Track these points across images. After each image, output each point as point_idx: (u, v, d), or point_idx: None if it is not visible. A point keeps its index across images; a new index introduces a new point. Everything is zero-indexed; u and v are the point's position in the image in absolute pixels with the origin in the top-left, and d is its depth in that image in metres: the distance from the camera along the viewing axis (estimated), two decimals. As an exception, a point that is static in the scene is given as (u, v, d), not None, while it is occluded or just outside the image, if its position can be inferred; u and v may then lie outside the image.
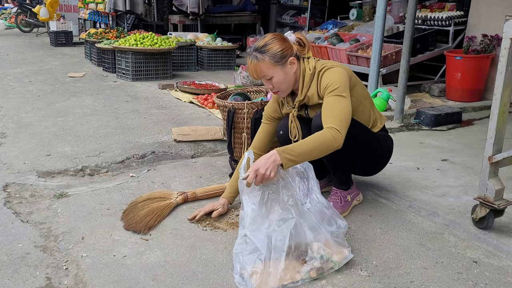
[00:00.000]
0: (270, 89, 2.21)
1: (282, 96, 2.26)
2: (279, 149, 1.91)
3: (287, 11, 9.87)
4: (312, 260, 1.82)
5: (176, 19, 9.31)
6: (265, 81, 2.17)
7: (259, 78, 2.16)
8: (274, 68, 2.11)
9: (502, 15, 4.75)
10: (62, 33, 9.66)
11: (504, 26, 1.95)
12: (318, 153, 1.96)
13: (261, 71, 2.12)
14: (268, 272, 1.76)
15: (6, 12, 16.90)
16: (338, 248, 1.88)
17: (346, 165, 2.30)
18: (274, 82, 2.15)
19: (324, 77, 2.12)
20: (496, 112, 2.02)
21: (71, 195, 2.60)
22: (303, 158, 1.94)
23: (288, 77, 2.15)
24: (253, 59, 2.12)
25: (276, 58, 2.10)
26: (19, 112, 4.22)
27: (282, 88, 2.18)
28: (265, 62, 2.09)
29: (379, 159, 2.41)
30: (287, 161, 1.89)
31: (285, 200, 1.88)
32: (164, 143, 3.38)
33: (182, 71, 6.71)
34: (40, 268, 1.87)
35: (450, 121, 4.20)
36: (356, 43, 5.67)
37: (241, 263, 1.81)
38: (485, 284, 1.80)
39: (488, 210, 2.12)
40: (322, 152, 1.97)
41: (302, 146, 1.94)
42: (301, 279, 1.78)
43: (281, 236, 1.80)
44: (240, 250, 1.86)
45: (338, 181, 2.38)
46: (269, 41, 2.12)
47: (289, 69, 2.14)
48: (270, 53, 2.09)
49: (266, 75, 2.12)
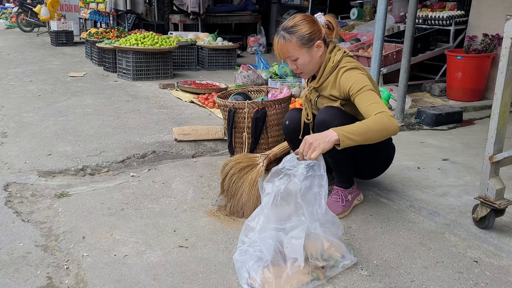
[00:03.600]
0: (294, 70, 2.22)
1: (305, 77, 2.30)
2: (335, 128, 1.87)
3: (288, 10, 9.85)
4: (322, 263, 1.80)
5: (177, 19, 9.31)
6: (290, 61, 2.18)
7: (285, 58, 2.17)
8: (300, 50, 2.12)
9: (502, 14, 4.75)
10: (63, 33, 9.66)
11: (504, 25, 1.95)
12: (377, 134, 1.92)
13: (287, 51, 2.13)
14: (280, 278, 1.73)
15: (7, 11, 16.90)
16: (343, 250, 1.88)
17: (348, 164, 2.29)
18: (299, 64, 2.16)
19: (344, 78, 2.11)
20: (497, 111, 2.02)
21: (72, 194, 2.60)
22: (362, 137, 1.88)
23: (313, 60, 2.16)
24: (280, 38, 2.13)
25: (304, 40, 2.11)
26: (20, 111, 4.22)
27: (306, 70, 2.20)
28: (292, 43, 2.11)
29: (378, 164, 2.40)
30: (345, 138, 1.84)
31: (298, 204, 1.85)
32: (165, 143, 3.38)
33: (183, 70, 6.71)
34: (41, 268, 1.88)
35: (451, 121, 4.19)
36: (357, 43, 5.67)
37: (248, 271, 1.76)
38: (485, 283, 1.80)
39: (489, 210, 2.12)
40: (381, 134, 1.93)
41: (358, 126, 1.90)
42: (311, 280, 1.76)
43: (295, 240, 1.77)
44: (245, 258, 1.80)
45: (340, 180, 2.37)
46: (299, 22, 2.12)
47: (315, 52, 2.15)
48: (298, 35, 2.10)
49: (291, 55, 2.14)
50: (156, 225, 2.25)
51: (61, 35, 9.66)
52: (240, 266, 1.81)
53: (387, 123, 1.92)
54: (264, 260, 1.76)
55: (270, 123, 2.89)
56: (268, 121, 2.87)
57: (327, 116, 2.12)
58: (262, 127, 2.85)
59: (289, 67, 2.30)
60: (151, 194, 2.60)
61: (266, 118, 2.83)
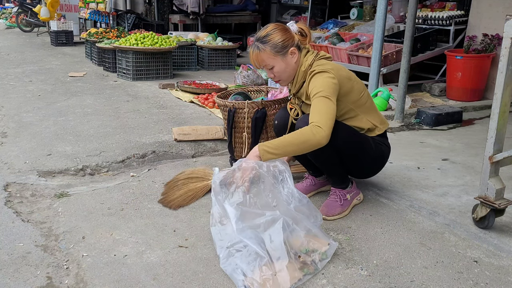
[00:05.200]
0: (272, 78, 2.27)
1: (283, 85, 2.33)
2: (260, 144, 1.99)
3: (288, 10, 9.86)
4: (306, 255, 1.83)
5: (177, 19, 9.31)
6: (267, 70, 2.24)
7: (261, 67, 2.23)
8: (275, 58, 2.17)
9: (502, 14, 4.75)
10: (62, 33, 9.66)
11: (504, 25, 1.95)
12: (297, 147, 1.98)
13: (262, 61, 2.19)
14: (277, 275, 1.74)
15: (6, 11, 16.89)
16: (324, 239, 1.91)
17: (335, 165, 2.26)
18: (276, 72, 2.21)
19: (311, 82, 2.15)
20: (497, 111, 2.02)
21: (71, 194, 2.60)
22: (282, 150, 1.98)
23: (289, 67, 2.21)
24: (254, 48, 2.19)
25: (277, 48, 2.15)
26: (20, 111, 4.22)
27: (283, 77, 2.25)
28: (266, 52, 2.16)
29: (369, 163, 2.35)
30: (264, 152, 1.96)
31: (270, 201, 1.89)
32: (165, 143, 3.38)
33: (183, 70, 6.71)
34: (40, 268, 1.88)
35: (451, 121, 4.19)
36: (357, 43, 5.67)
37: (244, 272, 1.75)
38: (485, 283, 1.80)
39: (489, 210, 2.12)
40: (302, 147, 1.99)
41: (281, 139, 2.01)
42: (303, 275, 1.78)
43: (274, 236, 1.79)
44: (234, 260, 1.80)
45: (334, 181, 2.38)
46: (271, 32, 2.17)
47: (289, 59, 2.19)
48: (271, 43, 2.15)
49: (267, 64, 2.20)
50: (156, 225, 2.25)
51: (61, 35, 9.66)
52: (232, 270, 1.79)
53: (309, 135, 1.96)
54: (259, 257, 1.77)
55: (270, 123, 2.89)
56: (268, 121, 2.86)
57: (302, 124, 2.11)
58: (262, 127, 2.85)
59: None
60: (151, 194, 2.60)
61: (266, 118, 2.83)
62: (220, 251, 1.89)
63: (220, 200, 1.92)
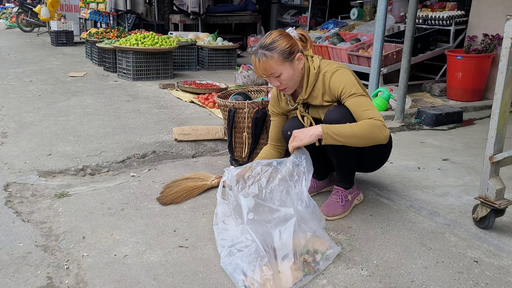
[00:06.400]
0: (277, 87, 2.20)
1: (289, 92, 2.26)
2: (324, 125, 1.97)
3: (288, 10, 9.87)
4: (308, 255, 1.83)
5: (177, 19, 9.31)
6: (273, 78, 2.16)
7: (267, 75, 2.15)
8: (283, 65, 2.11)
9: (503, 14, 4.75)
10: (63, 33, 9.66)
11: (504, 25, 1.95)
12: (361, 141, 1.99)
13: (270, 68, 2.11)
14: (279, 275, 1.74)
15: (7, 11, 16.91)
16: (328, 242, 1.91)
17: (353, 163, 2.29)
18: (283, 79, 2.15)
19: (333, 81, 2.13)
20: (497, 111, 2.02)
21: (72, 194, 2.60)
22: (345, 140, 1.97)
23: (296, 73, 2.17)
24: (261, 56, 2.11)
25: (285, 55, 2.11)
26: (20, 111, 4.22)
27: (289, 84, 2.18)
28: (274, 59, 2.09)
29: (384, 155, 2.40)
30: (328, 135, 1.95)
31: (284, 199, 1.89)
32: (165, 143, 3.38)
33: (183, 70, 6.71)
34: (41, 268, 1.88)
35: (451, 121, 4.19)
36: (357, 43, 5.67)
37: (244, 272, 1.74)
38: (485, 283, 1.80)
39: (489, 210, 2.12)
40: (365, 141, 1.99)
41: (346, 128, 1.97)
42: (304, 275, 1.78)
43: (284, 234, 1.80)
44: (235, 259, 1.79)
45: (342, 180, 2.37)
46: (277, 38, 2.12)
47: (296, 65, 2.16)
48: (279, 50, 2.10)
49: (275, 72, 2.12)
50: (156, 225, 2.25)
51: (61, 35, 9.66)
52: (232, 269, 1.78)
53: (377, 132, 1.98)
54: (260, 257, 1.76)
55: (270, 123, 2.89)
56: (268, 121, 2.86)
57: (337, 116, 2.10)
58: (262, 127, 2.85)
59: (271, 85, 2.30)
60: (151, 194, 2.60)
61: (266, 118, 2.83)
62: (221, 250, 1.89)
63: (235, 191, 1.93)
